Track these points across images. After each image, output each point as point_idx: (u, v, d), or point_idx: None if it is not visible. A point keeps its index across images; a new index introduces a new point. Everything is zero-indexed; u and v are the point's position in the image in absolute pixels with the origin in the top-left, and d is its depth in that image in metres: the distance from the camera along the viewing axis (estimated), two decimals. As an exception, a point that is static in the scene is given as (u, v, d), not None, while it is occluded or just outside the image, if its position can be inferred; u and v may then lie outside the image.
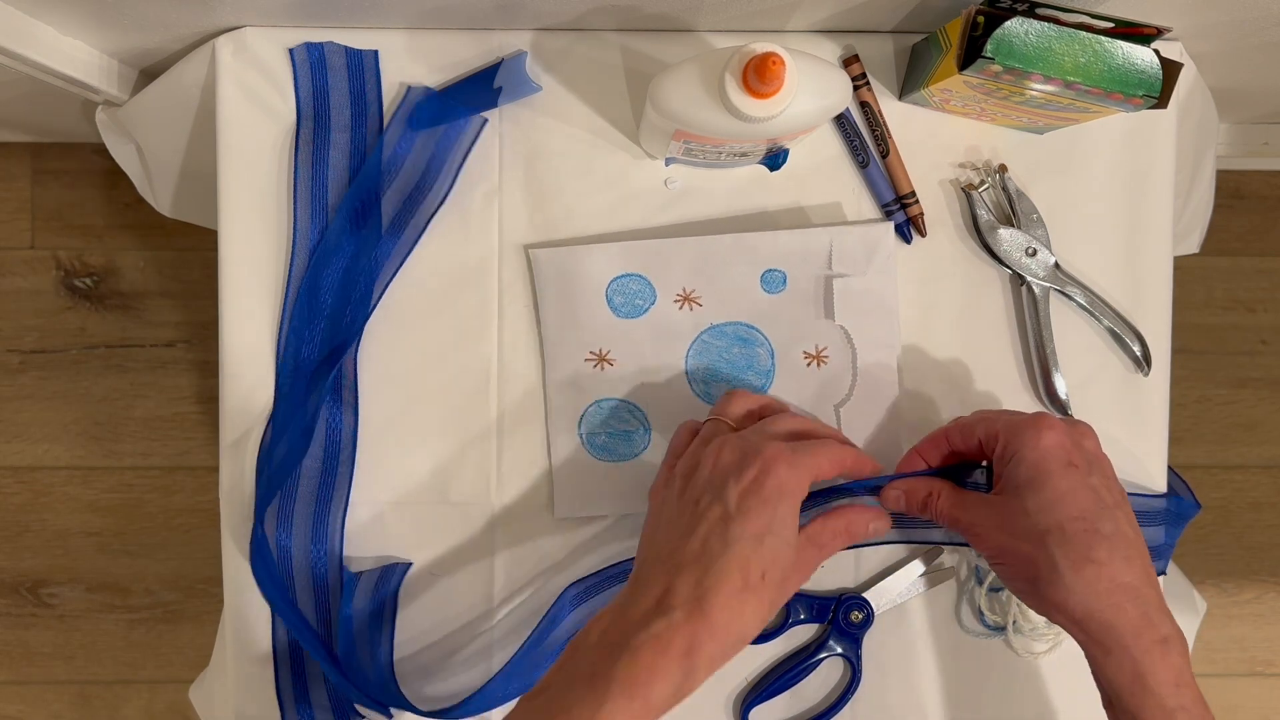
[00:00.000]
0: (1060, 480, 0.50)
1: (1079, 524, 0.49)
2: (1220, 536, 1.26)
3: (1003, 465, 0.52)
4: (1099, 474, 0.51)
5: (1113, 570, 0.49)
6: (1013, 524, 0.51)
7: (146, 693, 1.22)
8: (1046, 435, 0.51)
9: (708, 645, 0.48)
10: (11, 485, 1.21)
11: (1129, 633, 0.49)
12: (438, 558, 0.63)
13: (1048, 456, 0.51)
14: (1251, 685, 1.27)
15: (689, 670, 0.47)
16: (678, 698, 0.48)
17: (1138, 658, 0.48)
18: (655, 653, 0.47)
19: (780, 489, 0.50)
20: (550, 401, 0.63)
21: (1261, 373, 1.26)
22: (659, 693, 0.47)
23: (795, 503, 0.51)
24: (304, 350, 0.61)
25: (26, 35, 0.60)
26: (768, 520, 0.50)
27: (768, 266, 0.62)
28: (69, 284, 1.21)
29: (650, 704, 0.47)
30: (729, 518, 0.50)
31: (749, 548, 0.49)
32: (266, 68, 0.61)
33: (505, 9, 0.59)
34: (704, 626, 0.48)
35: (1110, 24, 0.52)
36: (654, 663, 0.47)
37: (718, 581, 0.48)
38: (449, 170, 0.61)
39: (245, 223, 0.62)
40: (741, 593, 0.48)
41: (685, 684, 0.47)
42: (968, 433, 0.55)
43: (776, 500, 0.50)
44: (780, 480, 0.50)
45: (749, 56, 0.48)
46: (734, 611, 0.48)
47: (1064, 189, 0.63)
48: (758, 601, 0.49)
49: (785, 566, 0.50)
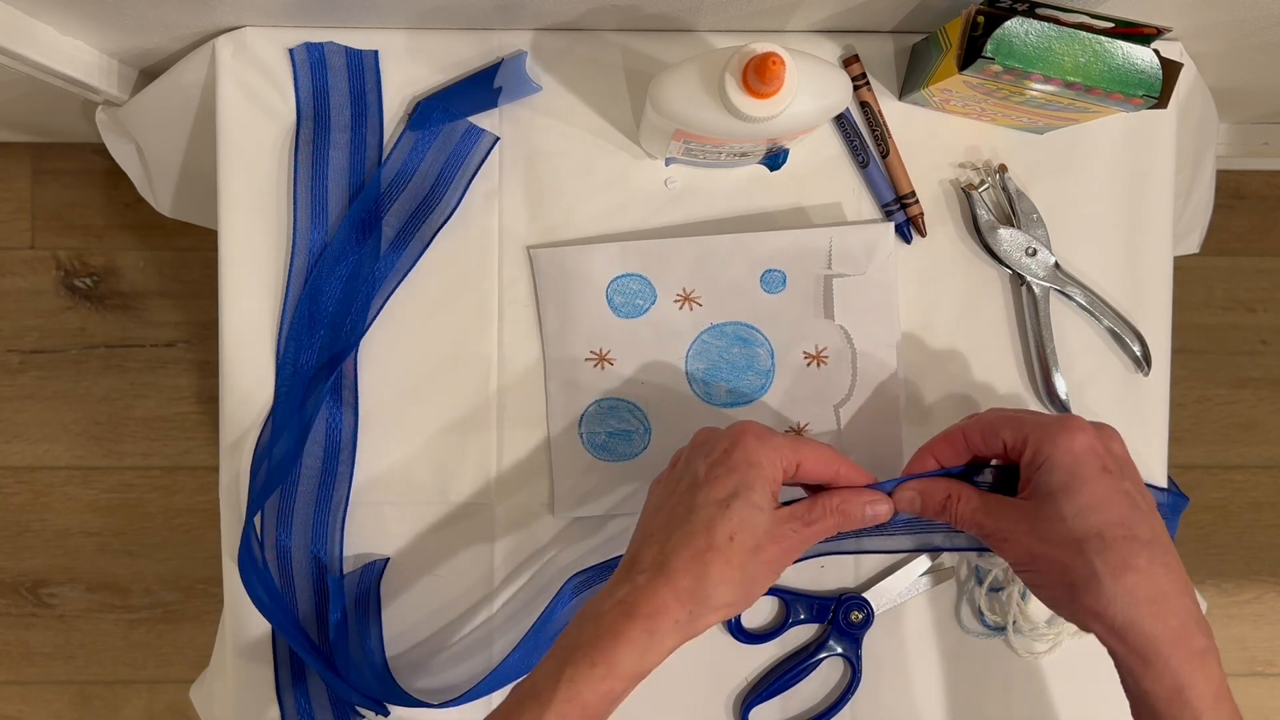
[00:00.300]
0: (1096, 485, 0.48)
1: (1118, 530, 0.47)
2: (1220, 536, 1.26)
3: (1033, 470, 0.49)
4: (1131, 478, 0.49)
5: (1153, 577, 0.47)
6: (1047, 530, 0.48)
7: (146, 693, 1.22)
8: (1079, 438, 0.48)
9: (673, 608, 0.47)
10: (11, 485, 1.21)
11: (1169, 643, 0.46)
12: (438, 557, 0.63)
13: (1081, 461, 0.48)
14: (1251, 685, 1.27)
15: (653, 633, 0.47)
16: (645, 664, 0.47)
17: (1177, 669, 0.46)
18: (618, 616, 0.47)
19: (747, 459, 0.50)
20: (550, 401, 0.63)
21: (1261, 373, 1.26)
22: (623, 658, 0.46)
23: (765, 474, 0.50)
24: (303, 357, 0.61)
25: (26, 35, 0.60)
26: (734, 486, 0.49)
27: (767, 266, 0.62)
28: (69, 284, 1.21)
29: (615, 669, 0.46)
30: (696, 486, 0.50)
31: (713, 511, 0.49)
32: (266, 68, 0.61)
33: (505, 9, 0.59)
34: (667, 589, 0.47)
35: (1110, 24, 0.52)
36: (616, 627, 0.47)
37: (680, 543, 0.48)
38: (457, 187, 0.61)
39: (245, 223, 0.62)
40: (705, 553, 0.48)
41: (652, 650, 0.47)
42: (991, 434, 0.51)
43: (744, 469, 0.49)
44: (747, 450, 0.50)
45: (749, 56, 0.48)
46: (697, 574, 0.47)
47: (1064, 189, 0.63)
48: (724, 564, 0.48)
49: (757, 533, 0.49)
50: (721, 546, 0.48)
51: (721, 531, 0.48)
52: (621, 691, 0.47)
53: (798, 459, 0.51)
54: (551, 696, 0.46)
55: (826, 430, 0.62)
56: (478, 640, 0.63)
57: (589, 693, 0.46)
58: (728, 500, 0.49)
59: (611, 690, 0.46)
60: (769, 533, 0.49)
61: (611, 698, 0.47)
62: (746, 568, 0.49)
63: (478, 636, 0.63)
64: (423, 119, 0.61)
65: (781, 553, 0.50)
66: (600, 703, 0.46)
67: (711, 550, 0.48)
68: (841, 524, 0.52)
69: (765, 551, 0.49)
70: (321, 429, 0.61)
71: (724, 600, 0.48)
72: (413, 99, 0.62)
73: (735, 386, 0.62)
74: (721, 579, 0.48)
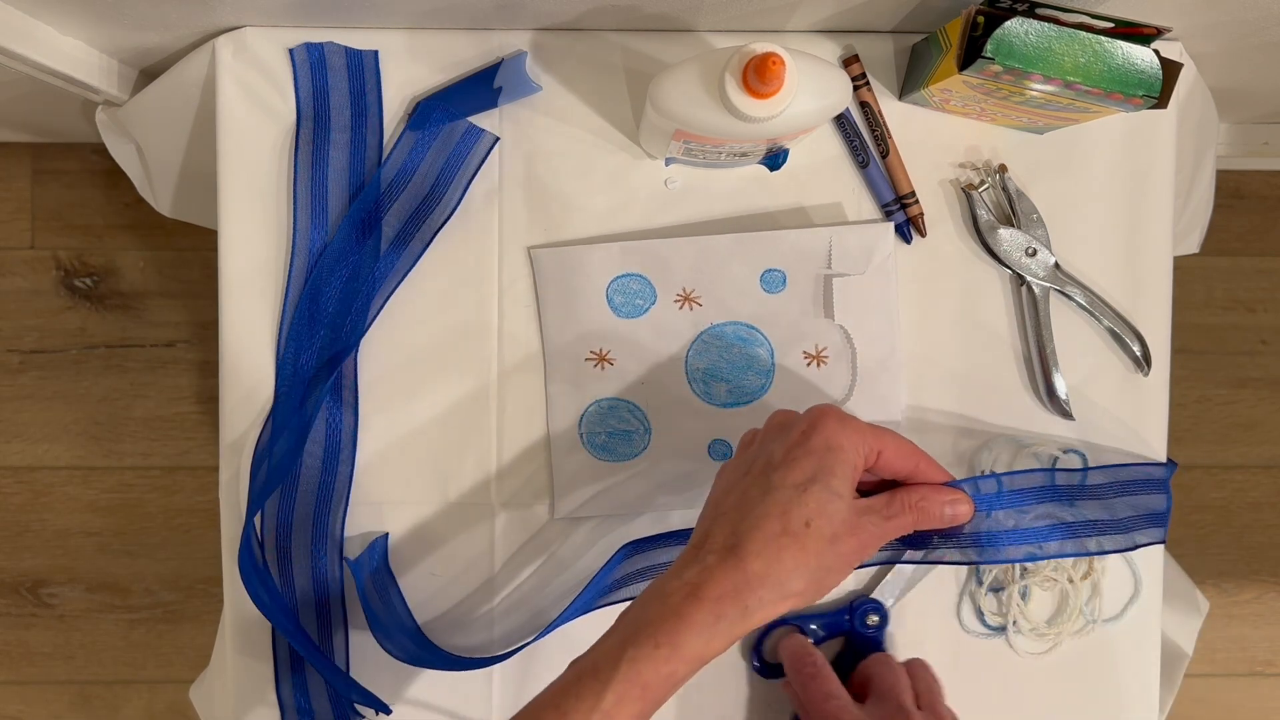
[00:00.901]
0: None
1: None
2: (1220, 536, 1.26)
3: None
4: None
5: None
6: None
7: (146, 693, 1.22)
8: None
9: (742, 593, 0.45)
10: (11, 485, 1.21)
11: None
12: (438, 557, 0.63)
13: None
14: (1251, 685, 1.27)
15: (720, 618, 0.45)
16: (710, 649, 0.45)
17: None
18: (684, 598, 0.45)
19: (827, 443, 0.48)
20: (550, 401, 0.63)
21: (1261, 373, 1.26)
22: (688, 641, 0.44)
23: (846, 459, 0.48)
24: (303, 357, 0.61)
25: (26, 35, 0.60)
26: (813, 469, 0.47)
27: (767, 266, 0.62)
28: (69, 284, 1.21)
29: (679, 651, 0.44)
30: (771, 468, 0.48)
31: (790, 495, 0.46)
32: (266, 68, 0.61)
33: (505, 9, 0.59)
34: (738, 572, 0.45)
35: (1110, 24, 0.52)
36: (682, 608, 0.45)
37: (753, 526, 0.46)
38: (457, 187, 0.61)
39: (245, 223, 0.62)
40: (780, 537, 0.46)
41: (718, 634, 0.45)
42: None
43: (823, 452, 0.47)
44: (828, 434, 0.48)
45: (749, 56, 0.48)
46: (771, 558, 0.45)
47: (1064, 189, 0.63)
48: (799, 550, 0.46)
49: (835, 521, 0.47)
50: (797, 532, 0.46)
51: (798, 516, 0.46)
52: (684, 675, 0.45)
53: (879, 446, 0.49)
54: (612, 675, 0.44)
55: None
56: (476, 644, 0.63)
57: (650, 673, 0.44)
58: (806, 484, 0.47)
59: (674, 673, 0.45)
60: (847, 522, 0.47)
61: (673, 680, 0.45)
62: (823, 556, 0.46)
63: (477, 638, 0.63)
64: (423, 119, 0.61)
65: (859, 545, 0.48)
66: (661, 684, 0.45)
67: (786, 535, 0.46)
68: (919, 521, 0.51)
69: (842, 542, 0.47)
70: (321, 429, 0.61)
71: (796, 588, 0.46)
72: (413, 99, 0.62)
73: (735, 386, 0.62)
74: (796, 565, 0.46)
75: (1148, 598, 0.64)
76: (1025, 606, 0.63)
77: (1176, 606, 0.76)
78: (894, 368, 0.62)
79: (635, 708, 0.44)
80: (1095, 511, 0.59)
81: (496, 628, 0.63)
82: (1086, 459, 0.63)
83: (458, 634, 0.63)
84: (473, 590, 0.63)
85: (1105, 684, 0.64)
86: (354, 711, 0.62)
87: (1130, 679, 0.64)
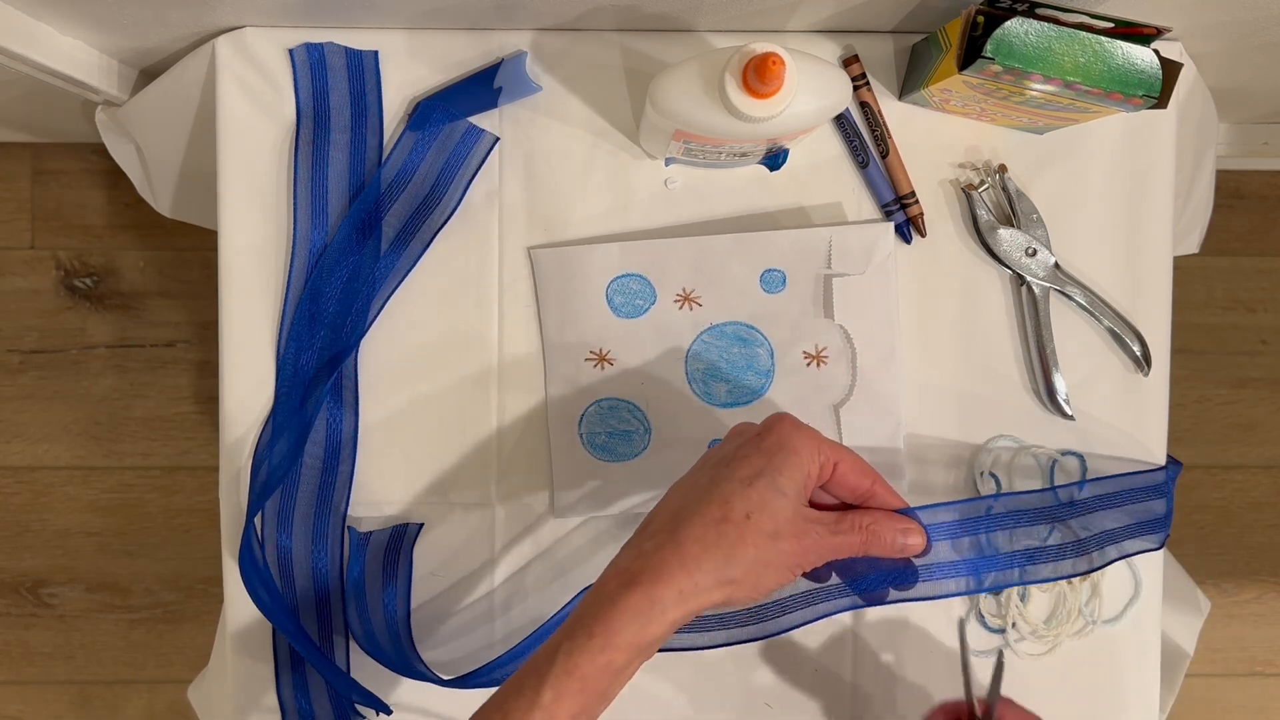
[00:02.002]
0: None
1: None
2: (1220, 536, 1.26)
3: None
4: None
5: None
6: None
7: (146, 693, 1.22)
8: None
9: (677, 576, 0.44)
10: (11, 485, 1.21)
11: None
12: (438, 557, 0.63)
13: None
14: (1251, 685, 1.26)
15: (654, 602, 0.44)
16: (646, 635, 0.44)
17: None
18: (619, 585, 0.45)
19: (780, 442, 0.47)
20: (550, 401, 0.63)
21: (1261, 373, 1.26)
22: (623, 628, 0.44)
23: (798, 462, 0.47)
24: (303, 357, 0.61)
25: (26, 35, 0.60)
26: (761, 465, 0.47)
27: (767, 266, 0.62)
28: (69, 284, 1.21)
29: (614, 639, 0.44)
30: (723, 463, 0.48)
31: (734, 486, 0.46)
32: (266, 68, 0.61)
33: (505, 9, 0.59)
34: (674, 556, 0.45)
35: (1110, 24, 0.52)
36: (618, 595, 0.44)
37: (694, 512, 0.46)
38: (457, 187, 0.61)
39: (245, 223, 0.62)
40: (719, 524, 0.45)
41: (654, 620, 0.44)
42: None
43: (774, 451, 0.47)
44: (782, 435, 0.48)
45: (749, 56, 0.48)
46: (709, 543, 0.45)
47: (1064, 189, 0.63)
48: (737, 538, 0.45)
49: (778, 519, 0.46)
50: (737, 520, 0.45)
51: (740, 507, 0.46)
52: (623, 664, 0.44)
53: (836, 458, 0.49)
54: (549, 671, 0.44)
55: (826, 430, 0.62)
56: (477, 643, 0.63)
57: (586, 665, 0.44)
58: (752, 478, 0.46)
59: (611, 663, 0.44)
60: (790, 522, 0.47)
61: (612, 670, 0.44)
62: (761, 549, 0.46)
63: (477, 638, 0.63)
64: (423, 119, 0.61)
65: (800, 549, 0.47)
66: (599, 675, 0.44)
67: (726, 522, 0.45)
68: (869, 544, 0.49)
69: (783, 541, 0.46)
70: (321, 429, 0.61)
71: (731, 575, 0.45)
72: (413, 99, 0.62)
73: (735, 386, 0.62)
74: (732, 553, 0.45)
75: (1147, 598, 0.64)
76: (1024, 608, 0.63)
77: (1177, 606, 0.76)
78: (894, 367, 0.62)
79: (575, 701, 0.44)
80: (1093, 524, 0.60)
81: (498, 628, 0.63)
82: (1085, 461, 0.63)
83: (460, 634, 0.63)
84: (473, 590, 0.63)
85: (1105, 684, 0.64)
86: (354, 712, 0.62)
87: (1130, 679, 0.64)
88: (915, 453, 0.63)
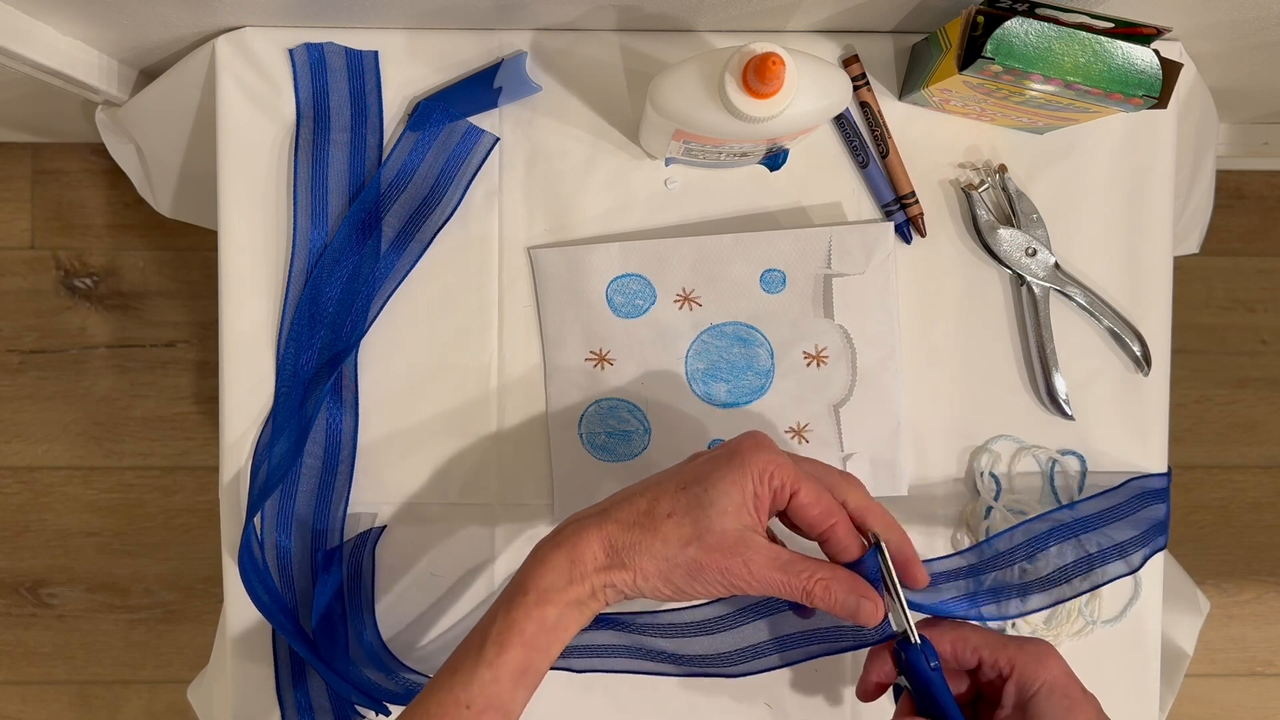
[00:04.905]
0: (1086, 708, 0.50)
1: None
2: (1220, 536, 1.26)
3: (1024, 694, 0.50)
4: (1096, 700, 0.51)
5: None
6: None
7: (146, 693, 1.22)
8: (1059, 664, 0.50)
9: (594, 546, 0.47)
10: (11, 485, 1.21)
11: None
12: (438, 557, 0.63)
13: (1070, 687, 0.50)
14: (1251, 685, 1.27)
15: (575, 562, 0.47)
16: (574, 592, 0.47)
17: None
18: (551, 548, 0.47)
19: (733, 451, 0.48)
20: (550, 401, 0.63)
21: (1261, 373, 1.26)
22: (551, 583, 0.47)
23: (736, 477, 0.47)
24: (303, 357, 0.61)
25: (26, 35, 0.60)
26: (701, 475, 0.48)
27: (767, 266, 0.62)
28: (69, 284, 1.21)
29: (546, 595, 0.46)
30: (679, 466, 0.50)
31: (669, 487, 0.48)
32: (266, 68, 0.61)
33: (505, 9, 0.59)
34: (597, 530, 0.47)
35: (1110, 24, 0.52)
36: (547, 555, 0.47)
37: (627, 499, 0.48)
38: (457, 187, 0.61)
39: (245, 223, 0.62)
40: (643, 515, 0.47)
41: (575, 578, 0.47)
42: (961, 643, 0.51)
43: (725, 460, 0.48)
44: (734, 450, 0.48)
45: (749, 56, 0.48)
46: (627, 527, 0.47)
47: (1064, 189, 0.63)
48: (652, 532, 0.47)
49: (697, 525, 0.46)
50: (659, 516, 0.47)
51: (665, 506, 0.47)
52: (556, 619, 0.47)
53: (796, 485, 0.48)
54: (490, 628, 0.47)
55: (826, 430, 0.62)
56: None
57: (523, 619, 0.46)
58: (688, 484, 0.48)
59: (545, 617, 0.46)
60: (714, 534, 0.46)
61: (546, 625, 0.46)
62: (671, 550, 0.47)
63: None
64: (423, 119, 0.61)
65: (716, 566, 0.47)
66: (537, 630, 0.46)
67: (649, 516, 0.47)
68: (819, 596, 0.48)
69: (692, 548, 0.46)
70: (321, 429, 0.61)
71: (644, 566, 0.47)
72: (413, 99, 0.62)
73: (735, 386, 0.62)
74: (643, 543, 0.47)
75: (1147, 599, 0.64)
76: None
77: (1177, 606, 0.75)
78: (894, 368, 0.62)
79: (517, 655, 0.46)
80: (1091, 543, 0.60)
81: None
82: (1085, 461, 0.63)
83: (460, 634, 0.63)
84: (473, 590, 0.63)
85: (1105, 685, 0.64)
86: (354, 712, 0.62)
87: (1130, 679, 0.64)
88: (915, 453, 0.63)
